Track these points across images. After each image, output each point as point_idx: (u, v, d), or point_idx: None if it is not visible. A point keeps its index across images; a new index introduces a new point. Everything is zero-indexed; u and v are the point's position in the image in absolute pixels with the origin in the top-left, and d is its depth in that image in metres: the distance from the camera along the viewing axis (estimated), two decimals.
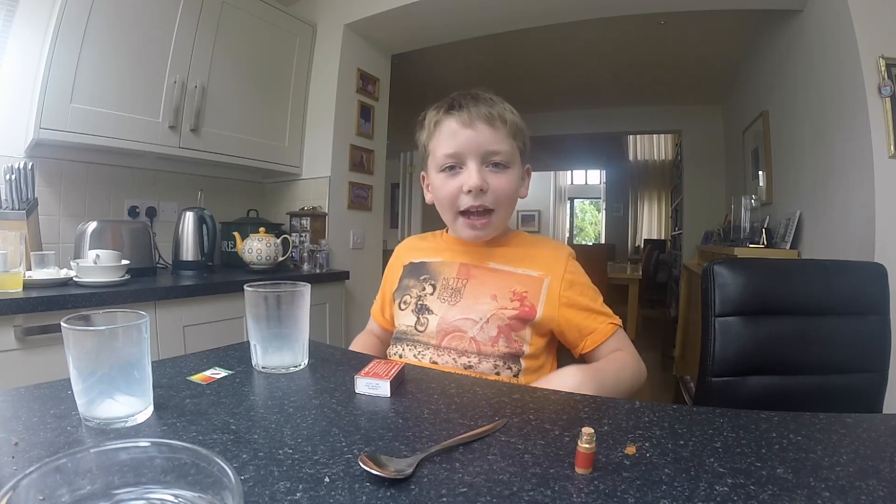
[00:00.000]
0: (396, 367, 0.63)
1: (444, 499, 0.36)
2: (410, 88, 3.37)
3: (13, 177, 1.53)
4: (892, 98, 1.53)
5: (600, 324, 0.83)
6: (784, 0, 2.13)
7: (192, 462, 0.30)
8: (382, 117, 2.70)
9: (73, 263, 1.47)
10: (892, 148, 1.52)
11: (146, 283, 1.57)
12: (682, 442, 0.47)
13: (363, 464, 0.39)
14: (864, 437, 0.49)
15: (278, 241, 2.03)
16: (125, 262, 1.55)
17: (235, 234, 2.03)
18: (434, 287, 0.87)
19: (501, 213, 0.84)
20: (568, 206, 9.90)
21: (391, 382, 0.58)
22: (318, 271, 2.15)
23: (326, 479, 0.39)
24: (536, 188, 8.87)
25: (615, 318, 0.85)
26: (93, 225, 1.62)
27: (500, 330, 0.80)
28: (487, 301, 0.82)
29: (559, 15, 2.33)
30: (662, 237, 7.05)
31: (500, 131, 0.80)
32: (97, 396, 0.48)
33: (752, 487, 0.38)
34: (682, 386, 2.31)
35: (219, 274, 1.95)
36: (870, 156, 1.55)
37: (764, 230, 2.27)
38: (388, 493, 0.37)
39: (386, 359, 0.77)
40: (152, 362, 0.54)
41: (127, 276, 1.55)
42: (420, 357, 0.83)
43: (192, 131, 1.93)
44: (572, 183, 9.91)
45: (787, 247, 2.09)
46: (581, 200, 10.45)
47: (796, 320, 0.95)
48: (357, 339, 1.01)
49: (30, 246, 1.50)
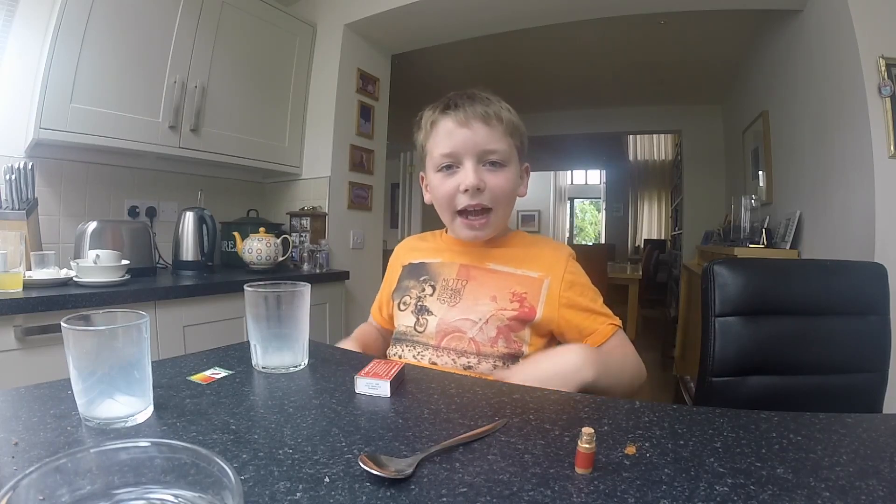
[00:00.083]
0: (396, 367, 0.63)
1: (444, 499, 0.36)
2: (410, 88, 3.37)
3: (13, 177, 1.53)
4: (892, 98, 1.53)
5: (600, 324, 0.83)
6: (784, 0, 2.13)
7: (192, 462, 0.30)
8: (382, 117, 2.70)
9: (73, 263, 1.47)
10: (892, 148, 1.52)
11: (146, 283, 1.57)
12: (682, 442, 0.47)
13: (363, 464, 0.39)
14: (864, 437, 0.49)
15: (278, 241, 2.03)
16: (125, 262, 1.55)
17: (235, 234, 2.03)
18: (434, 288, 0.87)
19: (500, 211, 0.84)
20: (568, 206, 9.90)
21: (391, 382, 0.58)
22: (318, 271, 2.15)
23: (326, 479, 0.39)
24: (536, 188, 8.87)
25: (615, 318, 0.85)
26: (93, 225, 1.62)
27: (499, 330, 0.80)
28: (487, 302, 0.82)
29: (559, 15, 2.33)
30: (662, 237, 7.05)
31: (497, 130, 0.80)
32: (97, 396, 0.48)
33: (752, 487, 0.38)
34: (682, 386, 2.31)
35: (219, 274, 1.95)
36: (870, 156, 1.55)
37: (764, 230, 2.27)
38: (388, 493, 0.37)
39: (385, 358, 0.77)
40: (152, 362, 0.54)
41: (127, 276, 1.55)
42: (419, 357, 0.83)
43: (192, 131, 1.93)
44: (572, 183, 9.91)
45: (787, 247, 2.09)
46: (581, 200, 10.46)
47: (796, 320, 0.95)
48: (359, 328, 1.02)
49: (30, 246, 1.50)
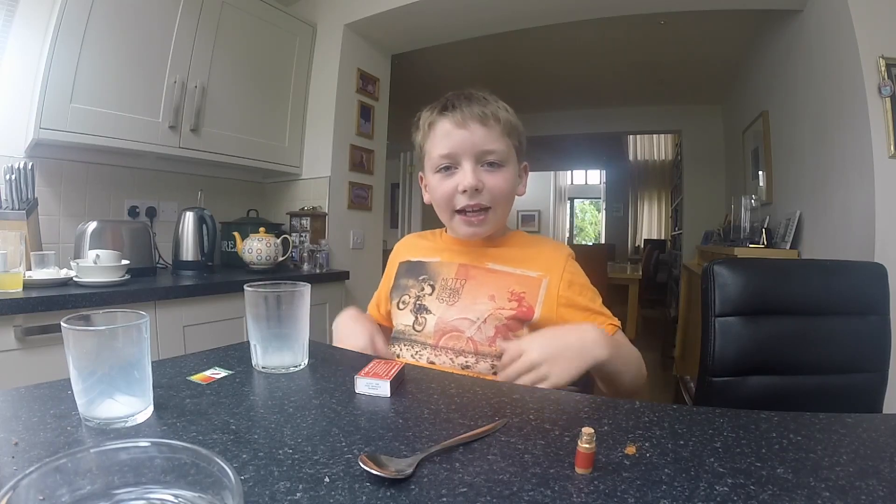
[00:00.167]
0: (396, 367, 0.63)
1: (444, 499, 0.36)
2: (410, 88, 3.36)
3: (13, 177, 1.53)
4: (892, 98, 1.53)
5: (600, 324, 0.83)
6: (784, 0, 2.13)
7: (192, 462, 0.30)
8: (382, 117, 2.70)
9: (73, 263, 1.47)
10: (892, 148, 1.52)
11: (146, 283, 1.57)
12: (682, 442, 0.47)
13: (363, 464, 0.39)
14: (864, 437, 0.49)
15: (278, 241, 2.03)
16: (125, 262, 1.55)
17: (235, 234, 2.03)
18: (433, 288, 0.87)
19: (499, 210, 0.84)
20: (568, 206, 9.90)
21: (391, 382, 0.58)
22: (318, 271, 2.15)
23: (326, 479, 0.39)
24: (536, 188, 8.87)
25: (614, 319, 0.85)
26: (93, 225, 1.62)
27: (497, 330, 0.80)
28: (485, 301, 0.82)
29: (559, 15, 2.33)
30: (662, 237, 7.05)
31: (494, 130, 0.80)
32: (97, 396, 0.48)
33: (752, 487, 0.38)
34: (682, 386, 2.31)
35: (219, 274, 1.95)
36: (870, 156, 1.55)
37: (764, 230, 2.27)
38: (388, 493, 0.37)
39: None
40: (152, 362, 0.54)
41: (127, 276, 1.55)
42: (417, 357, 0.83)
43: (192, 131, 1.93)
44: (572, 183, 9.91)
45: (787, 247, 2.08)
46: (581, 200, 10.45)
47: (796, 320, 0.95)
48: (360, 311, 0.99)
49: (30, 246, 1.50)
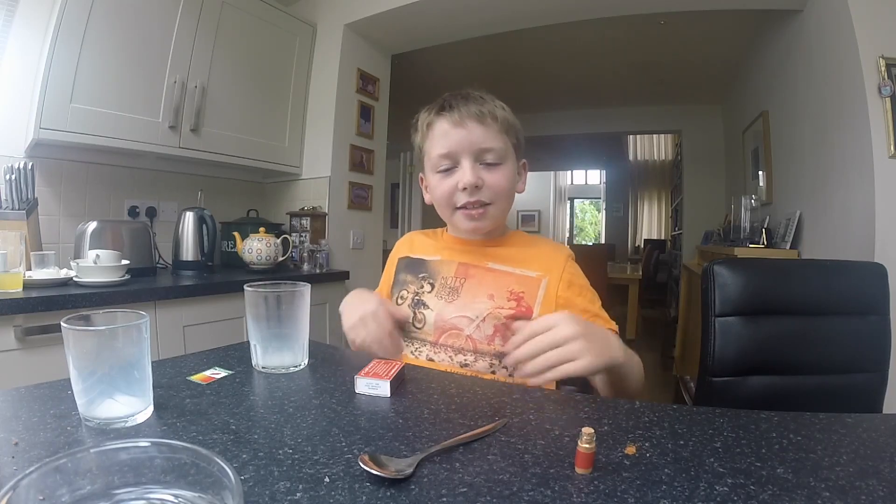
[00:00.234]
0: (396, 367, 0.63)
1: (444, 499, 0.36)
2: (410, 88, 3.36)
3: (13, 177, 1.53)
4: (892, 98, 1.53)
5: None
6: (784, 0, 2.13)
7: (192, 462, 0.30)
8: (382, 117, 2.70)
9: (73, 263, 1.47)
10: (892, 148, 1.52)
11: (146, 283, 1.57)
12: (682, 442, 0.47)
13: (363, 464, 0.39)
14: (864, 437, 0.49)
15: (278, 241, 2.03)
16: (125, 262, 1.55)
17: (235, 234, 2.03)
18: (432, 286, 0.87)
19: (499, 206, 0.85)
20: (568, 206, 9.90)
21: (391, 382, 0.58)
22: (318, 271, 2.15)
23: (326, 479, 0.39)
24: (536, 188, 8.87)
25: (612, 323, 0.84)
26: (93, 225, 1.62)
27: (496, 329, 0.80)
28: (484, 300, 0.82)
29: (559, 15, 2.33)
30: (662, 237, 7.05)
31: (492, 128, 0.81)
32: (97, 396, 0.48)
33: (752, 487, 0.38)
34: (682, 386, 2.31)
35: (219, 274, 1.95)
36: (870, 156, 1.55)
37: (764, 230, 2.27)
38: (388, 493, 0.37)
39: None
40: (152, 362, 0.54)
41: (127, 276, 1.55)
42: (417, 354, 0.83)
43: (192, 131, 1.93)
44: (572, 183, 9.91)
45: (787, 247, 2.08)
46: (581, 200, 10.46)
47: (796, 320, 0.95)
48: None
49: (30, 246, 1.50)
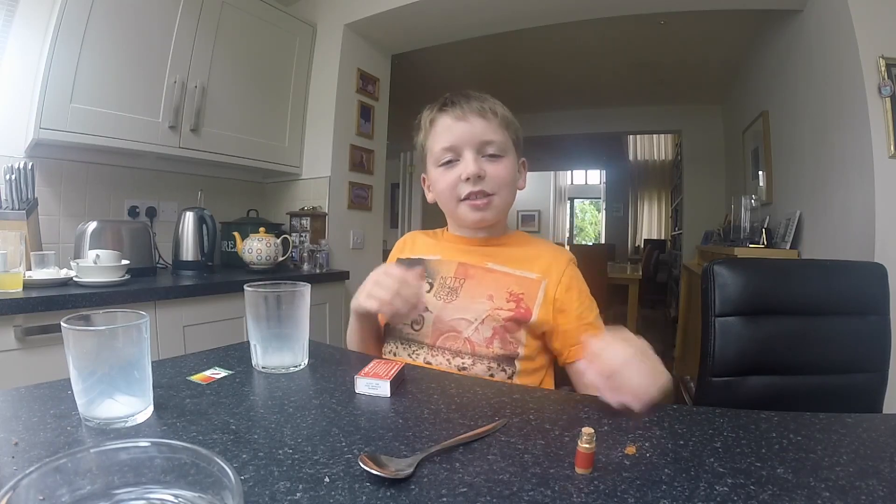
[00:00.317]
0: (396, 367, 0.63)
1: (444, 499, 0.36)
2: (410, 88, 3.36)
3: (13, 177, 1.52)
4: (892, 98, 1.53)
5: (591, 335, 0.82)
6: (784, 0, 2.13)
7: (192, 462, 0.30)
8: (382, 117, 2.69)
9: (73, 263, 1.47)
10: (892, 148, 1.52)
11: (146, 283, 1.57)
12: (682, 442, 0.47)
13: (363, 464, 0.39)
14: (864, 437, 0.49)
15: (278, 241, 2.03)
16: (125, 262, 1.55)
17: (235, 234, 2.03)
18: (431, 285, 0.87)
19: (502, 196, 0.85)
20: (568, 206, 9.90)
21: (391, 382, 0.58)
22: (318, 271, 2.15)
23: (326, 479, 0.39)
24: (536, 188, 8.87)
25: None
26: (93, 225, 1.62)
27: (494, 331, 0.79)
28: (483, 301, 0.82)
29: (559, 15, 2.33)
30: (662, 237, 7.06)
31: (493, 122, 0.83)
32: (97, 396, 0.48)
33: (752, 487, 0.38)
34: (682, 386, 2.31)
35: (219, 274, 1.95)
36: (870, 156, 1.55)
37: (764, 230, 2.27)
38: (388, 493, 0.37)
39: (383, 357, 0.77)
40: (152, 362, 0.54)
41: (127, 276, 1.55)
42: (414, 357, 0.83)
43: (192, 131, 1.93)
44: (572, 183, 9.91)
45: (787, 247, 2.08)
46: (581, 200, 10.45)
47: (796, 320, 0.95)
48: None
49: (30, 246, 1.50)
